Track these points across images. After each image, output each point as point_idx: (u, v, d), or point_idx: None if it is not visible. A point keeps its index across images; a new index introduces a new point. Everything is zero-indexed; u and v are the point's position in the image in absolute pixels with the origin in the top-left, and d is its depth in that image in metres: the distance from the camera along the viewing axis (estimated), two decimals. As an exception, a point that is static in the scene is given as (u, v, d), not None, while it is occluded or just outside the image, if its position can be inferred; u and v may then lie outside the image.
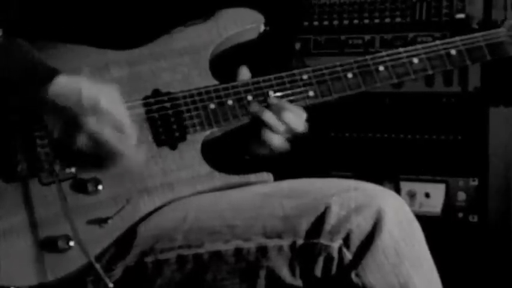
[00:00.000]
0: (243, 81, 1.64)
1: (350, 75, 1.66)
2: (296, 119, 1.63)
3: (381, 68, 1.66)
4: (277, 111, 1.62)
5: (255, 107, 1.63)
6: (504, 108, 2.49)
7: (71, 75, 1.50)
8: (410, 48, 1.68)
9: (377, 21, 2.66)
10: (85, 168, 1.55)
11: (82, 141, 1.49)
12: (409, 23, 2.62)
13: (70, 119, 1.48)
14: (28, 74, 1.48)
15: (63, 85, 1.48)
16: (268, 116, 1.62)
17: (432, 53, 1.67)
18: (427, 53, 1.67)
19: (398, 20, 2.63)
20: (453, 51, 1.68)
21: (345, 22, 2.70)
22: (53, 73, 1.49)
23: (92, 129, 1.48)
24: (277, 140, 1.64)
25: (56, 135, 1.51)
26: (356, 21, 2.69)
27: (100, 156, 1.51)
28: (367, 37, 2.67)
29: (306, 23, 2.76)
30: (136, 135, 1.52)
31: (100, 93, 1.49)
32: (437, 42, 1.68)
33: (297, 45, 2.73)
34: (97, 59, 1.60)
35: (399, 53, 1.67)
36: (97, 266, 1.49)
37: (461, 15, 2.54)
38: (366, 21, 2.67)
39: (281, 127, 1.62)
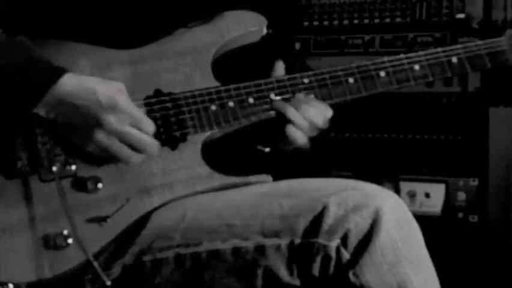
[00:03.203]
0: (245, 83, 1.65)
1: (351, 80, 1.66)
2: (318, 114, 1.64)
3: (382, 73, 1.66)
4: (300, 107, 1.63)
5: (278, 104, 1.63)
6: (504, 108, 2.49)
7: (76, 74, 1.51)
8: (411, 54, 1.68)
9: (377, 21, 2.66)
10: (92, 165, 1.56)
11: (98, 138, 1.50)
12: (409, 23, 2.62)
13: (88, 117, 1.49)
14: (31, 72, 1.49)
15: (74, 84, 1.49)
16: (293, 113, 1.62)
17: (433, 60, 1.67)
18: (428, 60, 1.67)
19: (398, 20, 2.64)
20: (454, 59, 1.68)
21: (345, 22, 2.70)
22: (58, 72, 1.50)
23: (114, 126, 1.49)
24: (299, 136, 1.64)
25: (67, 132, 1.52)
26: (356, 21, 2.69)
27: (112, 154, 1.52)
28: (367, 37, 2.67)
29: (306, 23, 2.76)
30: (153, 130, 1.53)
31: (115, 91, 1.50)
32: (439, 49, 1.68)
33: (297, 45, 2.74)
34: (99, 58, 1.60)
35: (401, 59, 1.67)
36: (95, 263, 1.50)
37: (461, 15, 2.54)
38: (366, 21, 2.68)
39: (304, 123, 1.63)
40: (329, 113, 1.66)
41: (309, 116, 1.63)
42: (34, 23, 1.60)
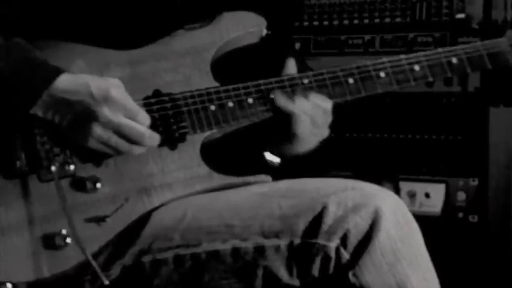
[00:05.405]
0: (245, 83, 1.65)
1: (351, 80, 1.66)
2: (316, 106, 1.63)
3: (382, 74, 1.66)
4: (299, 101, 1.62)
5: (280, 100, 1.63)
6: (504, 108, 2.50)
7: (74, 73, 1.52)
8: (411, 55, 1.68)
9: (377, 21, 2.67)
10: (91, 165, 1.56)
11: (96, 131, 1.49)
12: (409, 23, 2.62)
13: (83, 111, 1.49)
14: (28, 73, 1.49)
15: (69, 82, 1.49)
16: (292, 106, 1.62)
17: (433, 61, 1.68)
18: (428, 61, 1.67)
19: (398, 20, 2.64)
20: (454, 60, 1.68)
21: (345, 22, 2.71)
22: (56, 71, 1.50)
23: (107, 118, 1.49)
24: (303, 130, 1.63)
25: (66, 130, 1.51)
26: (356, 21, 2.70)
27: (113, 147, 1.52)
28: (367, 37, 2.68)
29: (306, 23, 2.77)
30: (148, 120, 1.53)
31: (108, 84, 1.50)
32: (439, 49, 1.69)
33: (297, 45, 2.74)
34: (98, 59, 1.60)
35: (401, 59, 1.67)
36: (94, 262, 1.50)
37: (461, 15, 2.55)
38: (366, 21, 2.68)
39: (305, 116, 1.62)
40: (328, 104, 1.66)
41: (307, 108, 1.62)
42: (33, 25, 1.60)
